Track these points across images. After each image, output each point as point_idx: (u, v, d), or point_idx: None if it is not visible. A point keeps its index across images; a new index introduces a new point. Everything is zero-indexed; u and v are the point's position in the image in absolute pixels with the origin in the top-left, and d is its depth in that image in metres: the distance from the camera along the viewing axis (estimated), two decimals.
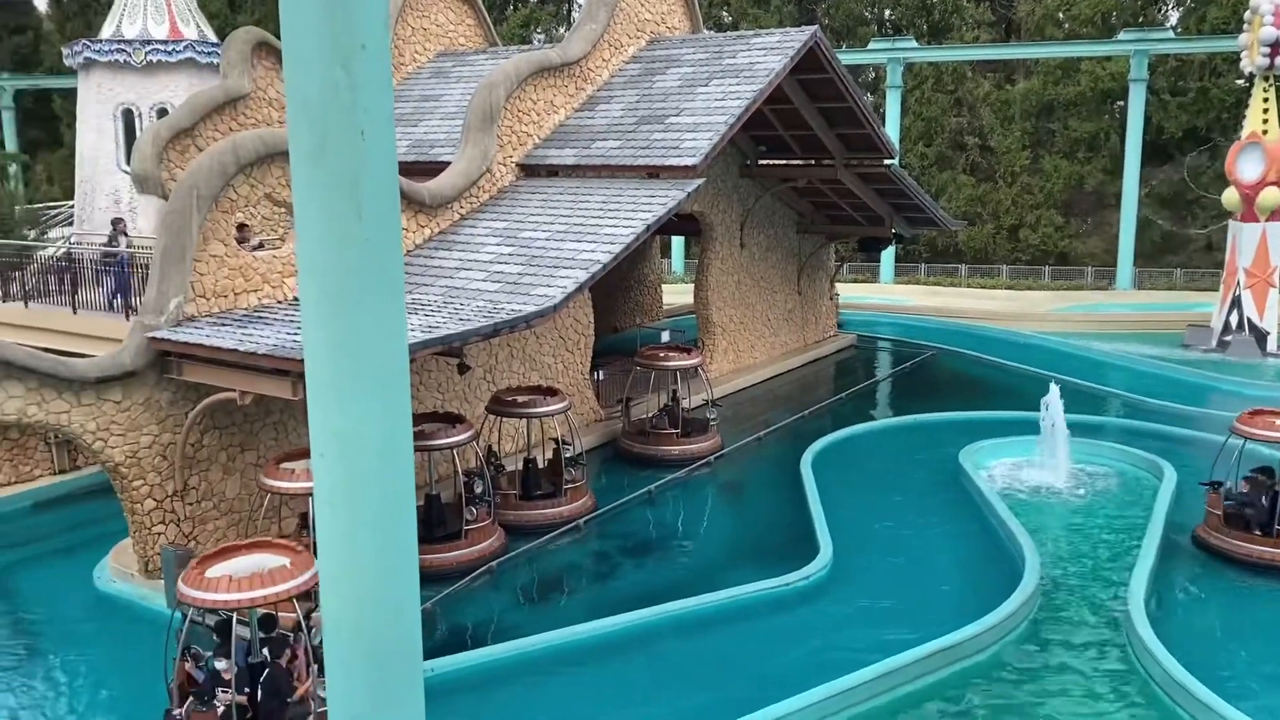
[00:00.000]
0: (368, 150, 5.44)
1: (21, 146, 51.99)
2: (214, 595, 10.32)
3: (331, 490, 5.70)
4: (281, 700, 10.63)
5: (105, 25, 25.36)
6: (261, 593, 10.35)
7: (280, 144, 15.54)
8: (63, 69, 44.30)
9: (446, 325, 14.40)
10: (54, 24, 54.99)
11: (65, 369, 13.39)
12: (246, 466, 15.34)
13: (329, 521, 5.74)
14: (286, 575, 10.57)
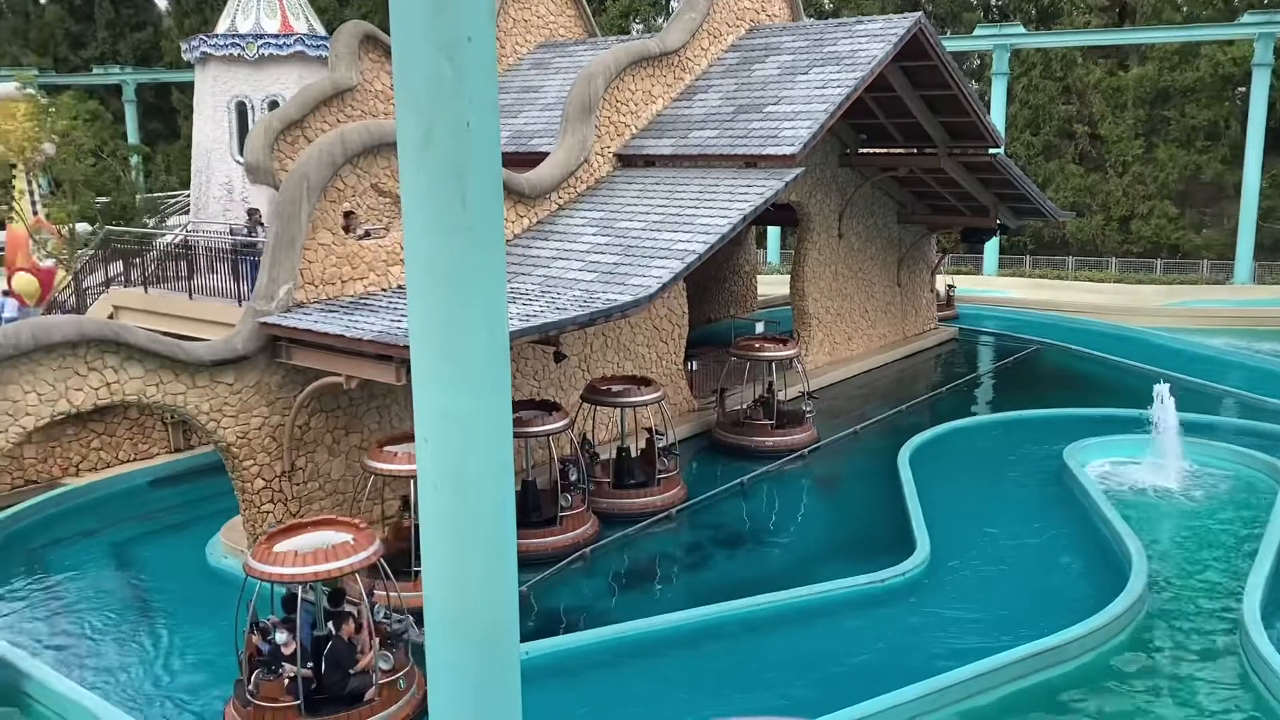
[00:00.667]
0: (472, 141, 5.54)
1: (142, 138, 54.31)
2: (280, 569, 10.76)
3: (435, 473, 5.84)
4: (344, 672, 11.02)
5: (221, 20, 26.28)
6: (324, 567, 10.75)
7: (386, 135, 15.92)
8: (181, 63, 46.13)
9: (544, 314, 14.56)
10: (173, 20, 57.18)
11: (182, 352, 13.96)
12: (351, 449, 15.78)
13: (432, 504, 5.88)
14: (349, 550, 10.97)
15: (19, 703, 11.50)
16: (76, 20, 58.10)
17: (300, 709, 10.78)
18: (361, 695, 11.05)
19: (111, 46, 57.83)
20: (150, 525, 17.37)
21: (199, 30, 38.83)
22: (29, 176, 30.82)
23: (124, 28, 58.49)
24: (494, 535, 5.96)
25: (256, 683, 10.93)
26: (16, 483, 18.03)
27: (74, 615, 14.29)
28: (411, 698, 11.45)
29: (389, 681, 11.30)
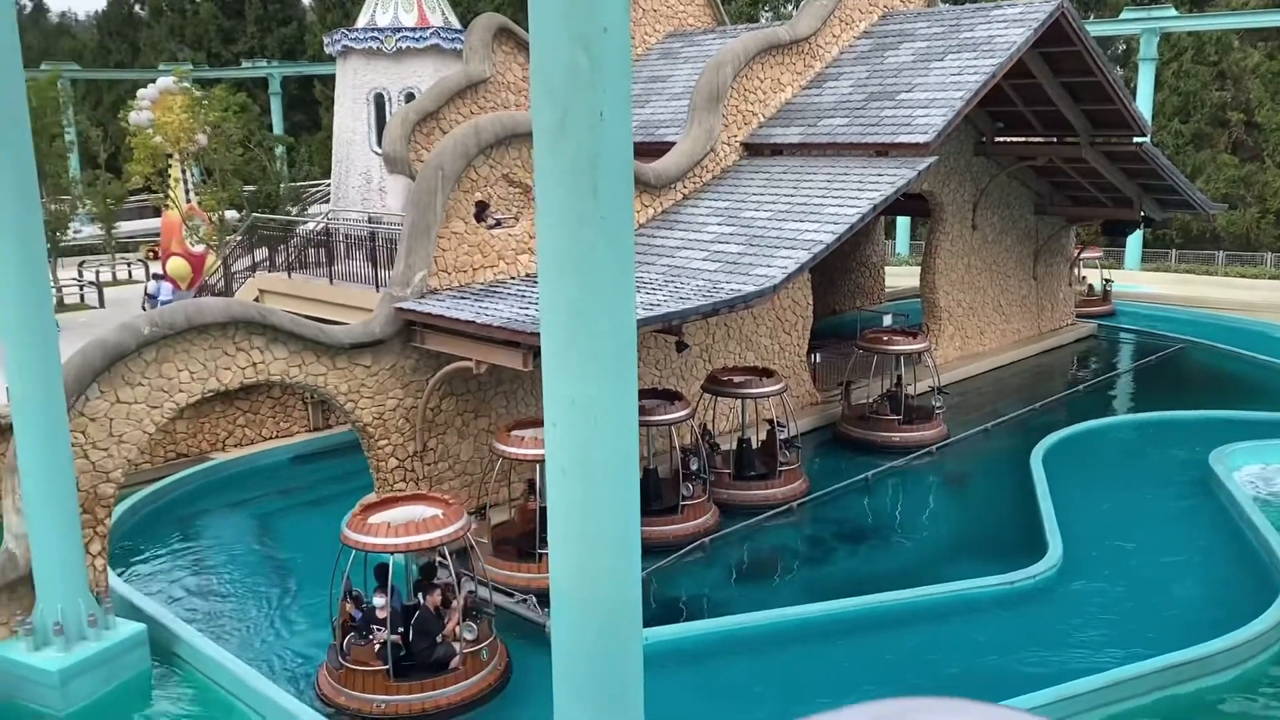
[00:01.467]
0: (606, 130, 5.62)
1: (286, 129, 56.69)
2: (373, 539, 11.26)
3: (563, 457, 5.97)
4: (430, 639, 11.46)
5: (361, 15, 27.18)
6: (414, 539, 11.20)
7: (518, 126, 16.22)
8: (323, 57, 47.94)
9: (667, 303, 14.62)
10: (316, 15, 59.42)
11: (323, 335, 14.54)
12: (479, 431, 16.19)
13: (559, 486, 6.01)
14: (438, 524, 11.38)
15: (172, 663, 12.23)
16: (228, 17, 60.98)
17: (389, 674, 11.27)
18: (446, 664, 11.45)
19: (259, 41, 60.48)
20: (290, 499, 18.19)
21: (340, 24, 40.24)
22: (183, 166, 32.57)
23: (271, 23, 61.10)
24: (619, 519, 6.06)
25: (348, 646, 11.48)
26: (169, 455, 19.14)
27: (217, 580, 15.13)
28: (494, 669, 11.82)
29: (473, 652, 11.67)
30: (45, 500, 11.32)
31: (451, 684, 11.40)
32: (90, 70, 59.60)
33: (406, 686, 11.32)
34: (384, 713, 11.17)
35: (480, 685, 11.58)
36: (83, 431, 12.28)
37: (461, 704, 11.40)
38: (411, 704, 11.28)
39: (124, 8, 64.94)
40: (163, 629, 12.43)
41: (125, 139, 36.66)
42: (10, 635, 11.70)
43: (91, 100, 58.80)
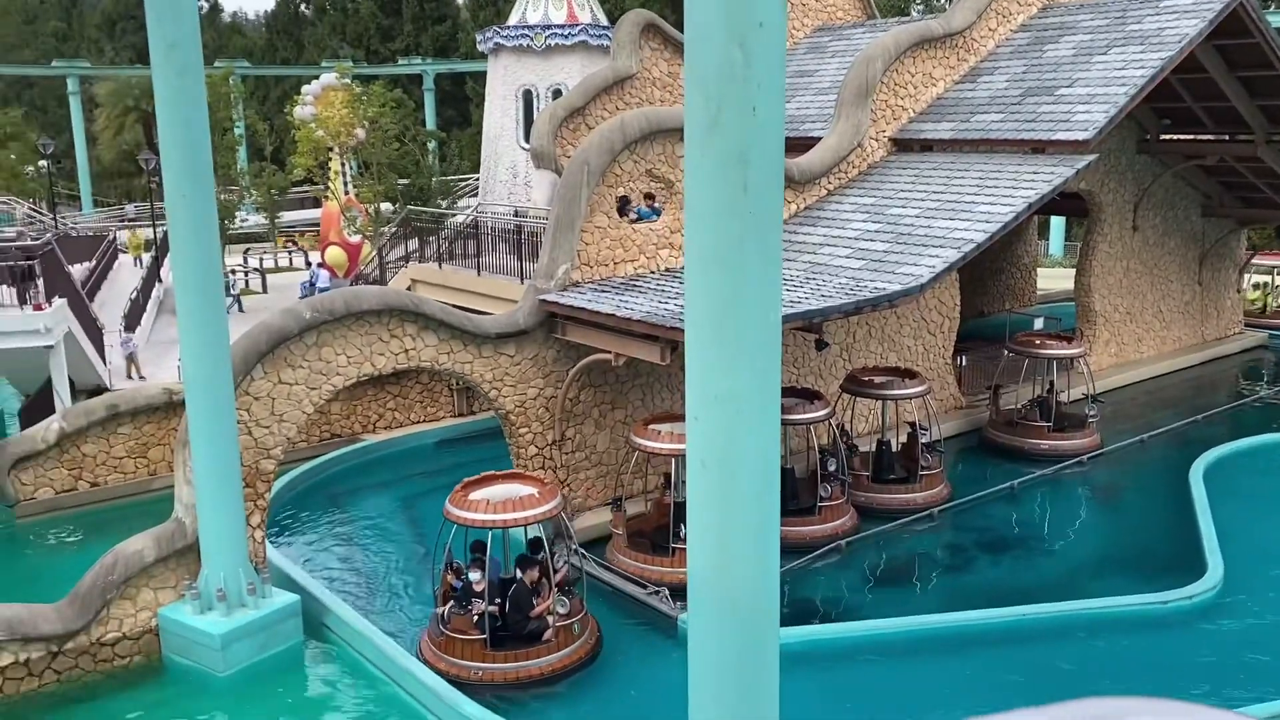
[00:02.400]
0: (758, 126, 5.60)
1: (438, 125, 58.57)
2: (473, 515, 11.86)
3: (704, 451, 5.99)
4: (524, 613, 12.01)
5: (513, 12, 27.83)
6: (510, 515, 11.82)
7: (663, 122, 16.31)
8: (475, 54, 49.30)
9: (808, 301, 14.46)
10: (469, 13, 61.08)
11: (471, 324, 14.98)
12: (615, 423, 16.38)
13: (700, 481, 6.03)
14: (534, 503, 11.93)
15: (321, 634, 12.83)
16: (387, 15, 63.32)
17: (485, 643, 11.80)
18: (540, 635, 11.93)
19: (415, 39, 62.60)
20: (433, 481, 18.77)
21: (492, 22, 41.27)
22: (343, 159, 34.07)
23: (427, 21, 63.15)
24: (759, 515, 6.04)
25: (449, 615, 12.02)
26: (323, 435, 20.05)
27: (360, 554, 15.77)
28: (585, 642, 12.21)
29: (565, 625, 12.06)
30: (212, 473, 12.04)
31: (544, 655, 11.86)
32: (259, 67, 62.85)
33: (502, 655, 11.84)
34: (480, 680, 11.66)
35: (571, 657, 12.00)
36: (247, 410, 12.99)
37: (553, 674, 11.84)
38: (506, 672, 11.79)
39: (291, 7, 68.21)
40: (314, 601, 13.05)
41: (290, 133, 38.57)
42: (178, 598, 12.49)
43: (259, 95, 62.02)
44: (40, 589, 13.18)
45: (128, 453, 17.83)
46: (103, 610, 12.09)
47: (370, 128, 33.31)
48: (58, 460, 17.24)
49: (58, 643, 11.83)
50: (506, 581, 12.33)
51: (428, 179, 37.18)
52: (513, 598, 12.05)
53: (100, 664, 12.13)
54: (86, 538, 16.17)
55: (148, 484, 17.74)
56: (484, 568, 12.03)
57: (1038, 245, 32.20)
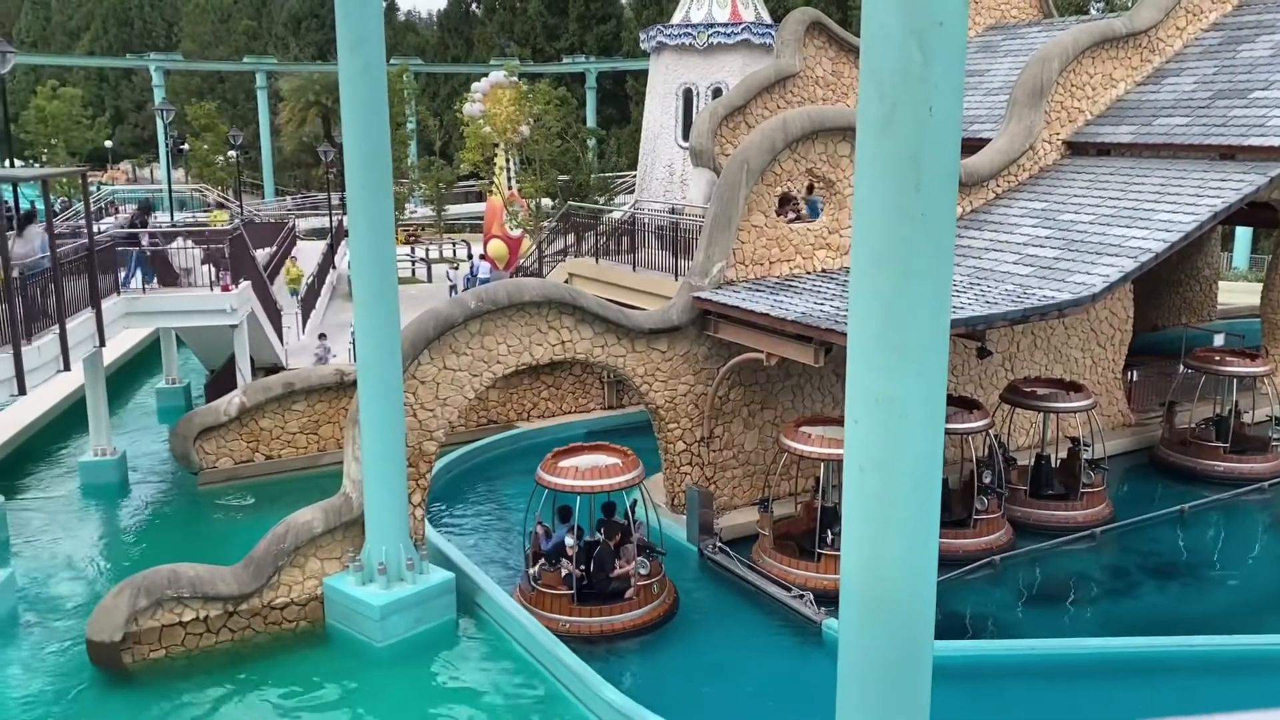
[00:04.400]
0: (933, 126, 5.50)
1: (598, 122, 59.54)
2: (562, 480, 13.04)
3: (863, 455, 5.92)
4: (606, 573, 13.17)
5: (677, 11, 28.00)
6: (595, 482, 13.01)
7: (826, 121, 16.13)
8: (637, 53, 49.85)
9: (972, 306, 14.05)
10: (633, 12, 61.78)
11: (625, 319, 15.20)
12: (764, 423, 16.32)
13: (857, 485, 5.97)
14: (617, 471, 13.06)
15: (473, 613, 13.28)
16: (553, 14, 64.75)
17: (573, 599, 12.94)
18: (622, 594, 13.06)
19: (579, 38, 63.79)
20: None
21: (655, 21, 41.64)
22: (507, 155, 35.03)
23: (591, 20, 64.27)
24: (918, 523, 5.93)
25: (540, 572, 13.18)
26: (481, 421, 20.72)
27: (510, 535, 16.20)
28: (663, 602, 13.31)
29: (645, 585, 13.14)
30: (379, 452, 12.63)
31: (625, 611, 12.98)
32: (430, 64, 65.26)
33: (587, 610, 12.96)
34: (568, 631, 12.68)
35: (651, 615, 13.10)
36: (413, 393, 13.57)
37: (634, 629, 12.95)
38: (591, 625, 12.93)
39: (462, 6, 70.56)
40: (467, 579, 13.52)
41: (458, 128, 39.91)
42: (342, 569, 13.16)
43: (430, 92, 64.42)
44: (218, 552, 14.09)
45: (301, 428, 18.89)
46: (274, 576, 12.86)
47: (534, 125, 34.13)
48: (238, 432, 18.41)
49: (233, 603, 12.65)
50: (591, 544, 13.36)
51: (587, 175, 37.83)
52: (597, 558, 13.17)
53: (269, 626, 12.90)
54: (260, 506, 17.21)
55: (318, 459, 18.76)
56: (574, 531, 13.13)
57: (1220, 257, 30.29)
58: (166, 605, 12.27)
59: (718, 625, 13.38)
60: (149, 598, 12.14)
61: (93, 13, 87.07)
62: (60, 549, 16.03)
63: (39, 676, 12.21)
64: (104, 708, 11.53)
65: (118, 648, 11.98)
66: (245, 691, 11.73)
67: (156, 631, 12.24)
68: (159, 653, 12.27)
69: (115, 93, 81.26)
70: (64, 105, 52.34)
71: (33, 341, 14.29)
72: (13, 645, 12.98)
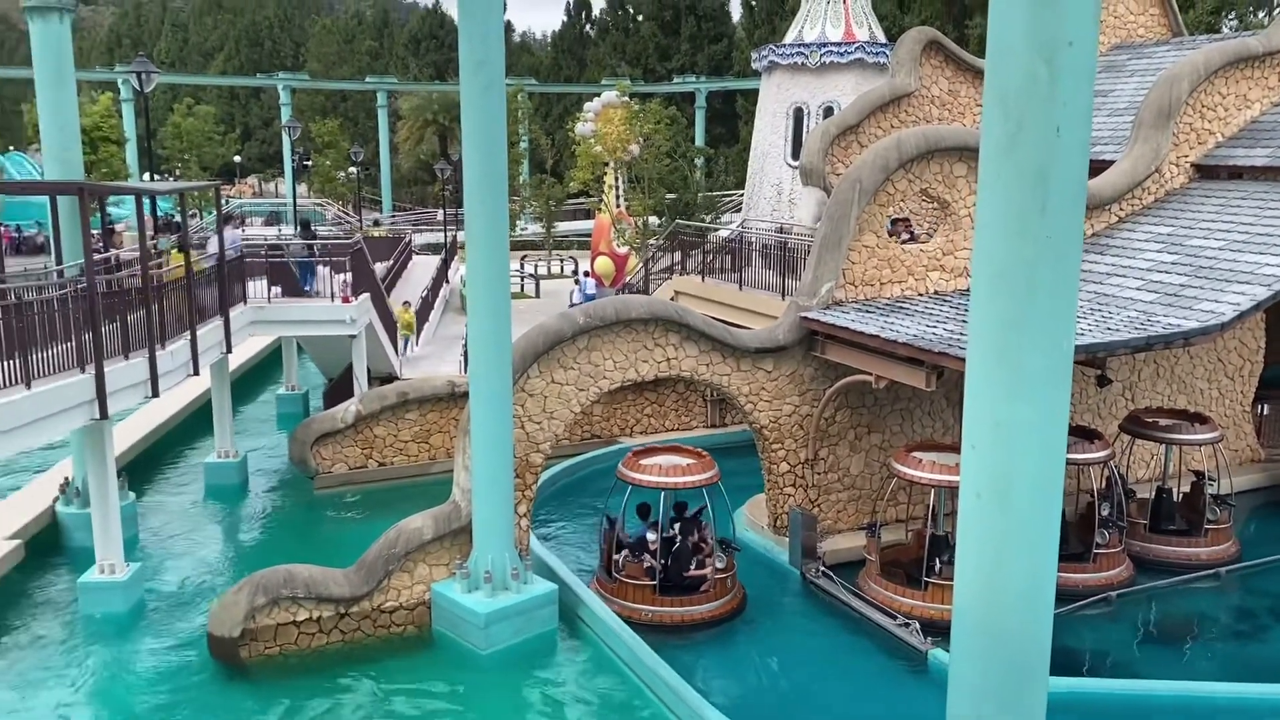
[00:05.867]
0: (1060, 147, 5.40)
1: (706, 141, 59.70)
2: (643, 477, 13.89)
3: (979, 481, 5.82)
4: (683, 567, 13.92)
5: (789, 31, 27.96)
6: (672, 479, 13.82)
7: (943, 140, 15.88)
8: (748, 72, 49.90)
9: (1093, 333, 13.61)
10: (745, 32, 61.87)
11: (730, 337, 15.19)
12: (871, 447, 16.09)
13: (973, 512, 5.86)
14: (693, 471, 13.87)
15: (574, 624, 13.41)
16: (665, 35, 65.31)
17: (655, 589, 13.72)
18: (699, 586, 13.81)
19: (691, 58, 64.16)
20: None
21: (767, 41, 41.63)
22: (616, 173, 35.43)
23: (703, 40, 64.59)
24: (1036, 552, 5.80)
25: (623, 564, 13.88)
26: (585, 435, 20.93)
27: None
28: (735, 596, 14.09)
29: (720, 579, 13.90)
30: (488, 462, 12.88)
31: (704, 602, 13.76)
32: (544, 84, 66.48)
33: (669, 600, 13.71)
34: (651, 620, 13.53)
35: (725, 607, 13.88)
36: (522, 405, 13.81)
37: (711, 619, 13.71)
38: (673, 615, 13.67)
39: (576, 27, 71.73)
40: (570, 591, 13.66)
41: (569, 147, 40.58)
42: (449, 576, 13.44)
43: (543, 111, 65.60)
44: (331, 554, 14.55)
45: (413, 437, 19.40)
46: (384, 580, 13.21)
47: (644, 144, 34.45)
48: (353, 439, 19.00)
49: (345, 605, 13.03)
50: (668, 539, 14.11)
51: (694, 194, 38.00)
52: (675, 554, 13.97)
53: (378, 629, 13.25)
54: (372, 511, 17.71)
55: (428, 467, 19.22)
56: (656, 527, 14.05)
57: None
58: (282, 604, 12.71)
59: (819, 651, 13.20)
60: (266, 596, 12.61)
61: (227, 34, 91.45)
62: (185, 546, 16.77)
63: (163, 666, 12.79)
64: (223, 700, 12.00)
65: (236, 643, 12.47)
66: (354, 692, 12.07)
67: (272, 629, 12.69)
68: (274, 650, 12.71)
69: (245, 110, 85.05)
70: (198, 122, 55.07)
71: (166, 346, 15.02)
72: (140, 636, 13.63)
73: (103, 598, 14.01)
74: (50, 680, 12.43)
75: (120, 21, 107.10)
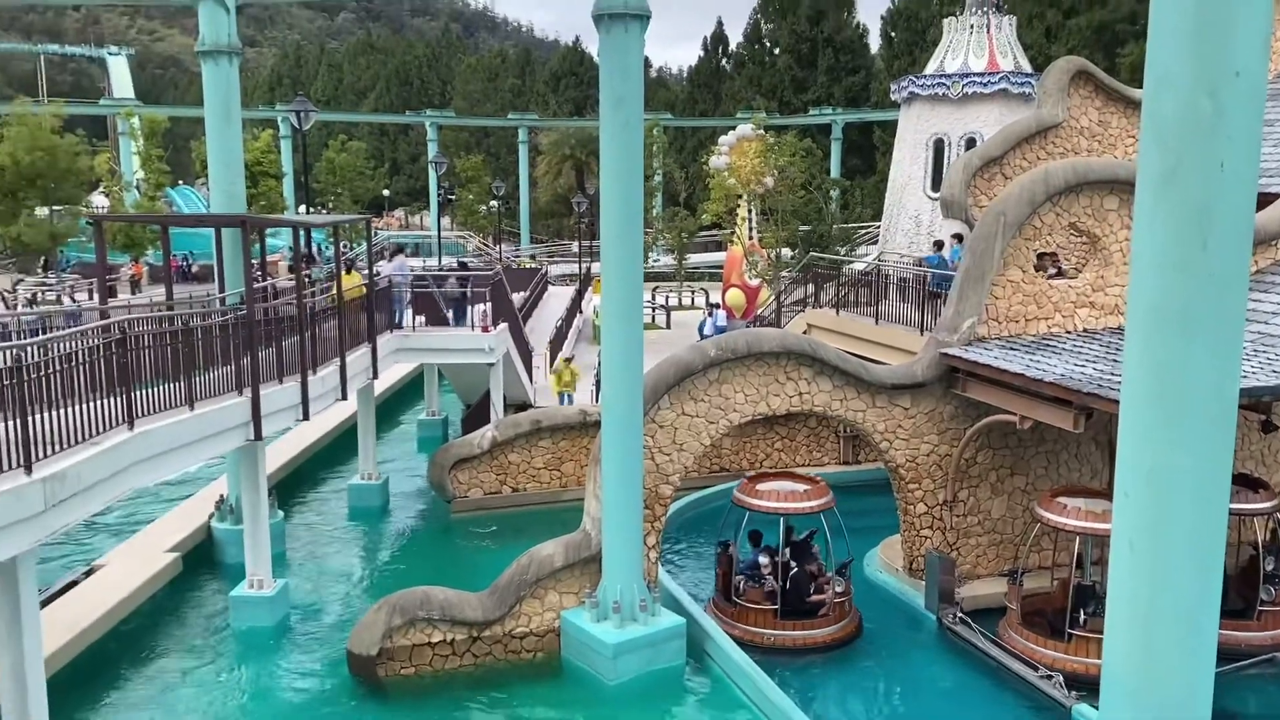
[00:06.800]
0: (1224, 181, 5.13)
1: (842, 173, 59.11)
2: (760, 502, 14.19)
3: (1133, 531, 5.53)
4: (802, 594, 14.16)
5: (930, 61, 27.52)
6: (789, 504, 14.14)
7: (1092, 172, 15.32)
8: (886, 104, 49.27)
9: (1258, 375, 12.81)
10: (884, 63, 61.21)
11: (866, 373, 14.92)
12: (1014, 490, 15.50)
13: (1126, 563, 5.57)
14: (809, 496, 14.20)
15: (702, 660, 13.31)
16: (801, 68, 65.17)
17: (776, 613, 14.01)
18: (817, 610, 14.12)
19: (827, 90, 63.80)
20: None
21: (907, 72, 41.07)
22: (750, 205, 35.41)
23: (840, 72, 64.16)
24: (1194, 610, 5.46)
25: (744, 588, 14.27)
26: (714, 468, 20.85)
27: None
28: (852, 620, 14.35)
29: (839, 602, 14.22)
30: (619, 492, 12.97)
31: (824, 626, 14.07)
32: (679, 118, 67.16)
33: (789, 624, 13.99)
34: (772, 644, 13.85)
35: (844, 630, 14.18)
36: (652, 436, 13.86)
37: (831, 643, 14.02)
38: (794, 638, 13.95)
39: (712, 61, 72.28)
40: (697, 626, 13.57)
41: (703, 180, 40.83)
42: (579, 604, 13.54)
43: (677, 145, 66.23)
44: (464, 577, 14.87)
45: (545, 464, 19.72)
46: (516, 605, 13.41)
47: (778, 176, 34.36)
48: (488, 465, 19.44)
49: (478, 629, 13.28)
50: (785, 565, 14.28)
51: (829, 226, 37.63)
52: (794, 579, 14.17)
53: (509, 654, 13.44)
54: (505, 536, 18.05)
55: (559, 494, 19.48)
56: (770, 551, 14.36)
57: None
58: (418, 625, 13.05)
59: (956, 699, 12.76)
60: (403, 617, 12.97)
61: (378, 74, 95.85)
62: (328, 564, 17.44)
63: (304, 680, 13.29)
64: (359, 717, 12.37)
65: (373, 661, 12.85)
66: (484, 715, 12.26)
67: (408, 650, 13.03)
68: (409, 670, 13.04)
69: (394, 146, 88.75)
70: (351, 158, 57.72)
71: (317, 372, 15.72)
72: (284, 649, 14.20)
73: (251, 611, 14.66)
74: (199, 687, 13.06)
75: (281, 63, 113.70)
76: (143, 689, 12.98)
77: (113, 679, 13.14)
